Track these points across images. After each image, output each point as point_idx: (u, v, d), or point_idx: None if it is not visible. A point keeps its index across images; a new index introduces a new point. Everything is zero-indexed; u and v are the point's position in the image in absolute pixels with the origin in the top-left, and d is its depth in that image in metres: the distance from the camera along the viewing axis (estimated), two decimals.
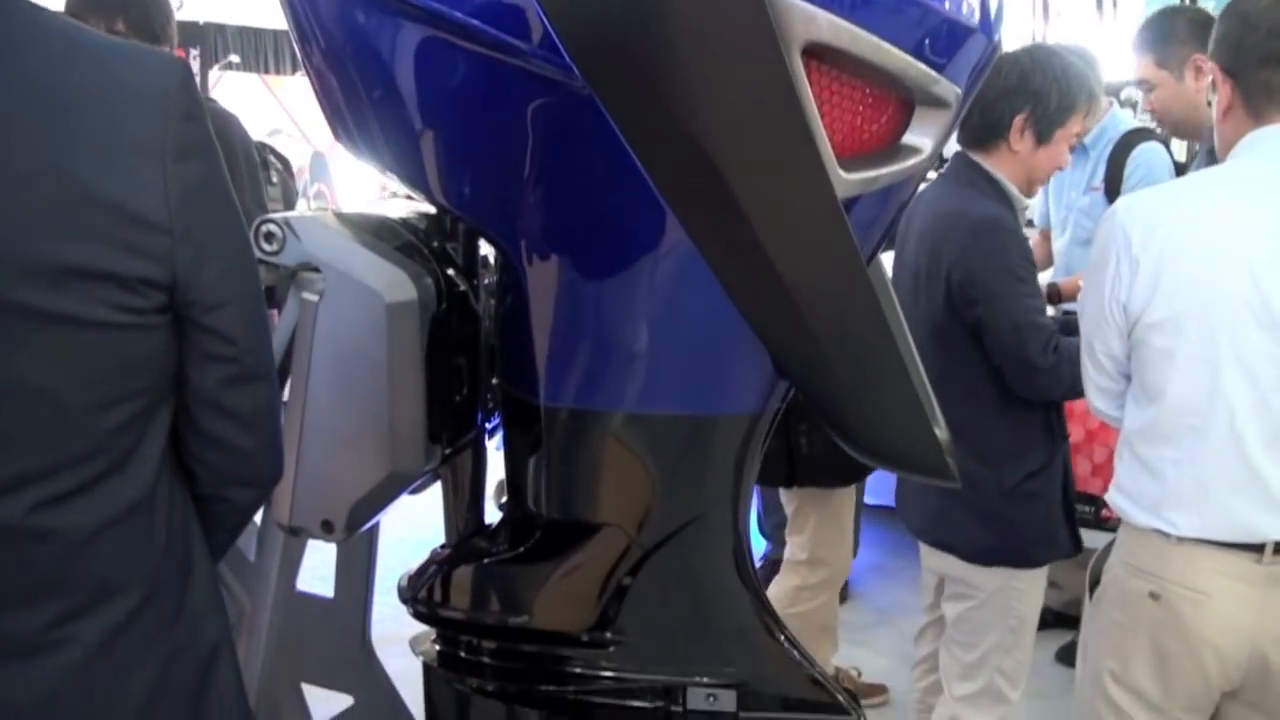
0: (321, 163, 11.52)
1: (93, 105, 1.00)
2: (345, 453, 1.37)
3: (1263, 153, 1.74)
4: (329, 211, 1.46)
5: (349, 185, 11.35)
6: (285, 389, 1.36)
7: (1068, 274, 3.52)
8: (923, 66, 1.18)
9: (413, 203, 1.55)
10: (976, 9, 1.24)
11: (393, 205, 1.60)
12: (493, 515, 1.62)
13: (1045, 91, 2.25)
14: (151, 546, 1.12)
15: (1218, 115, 1.82)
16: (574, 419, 1.40)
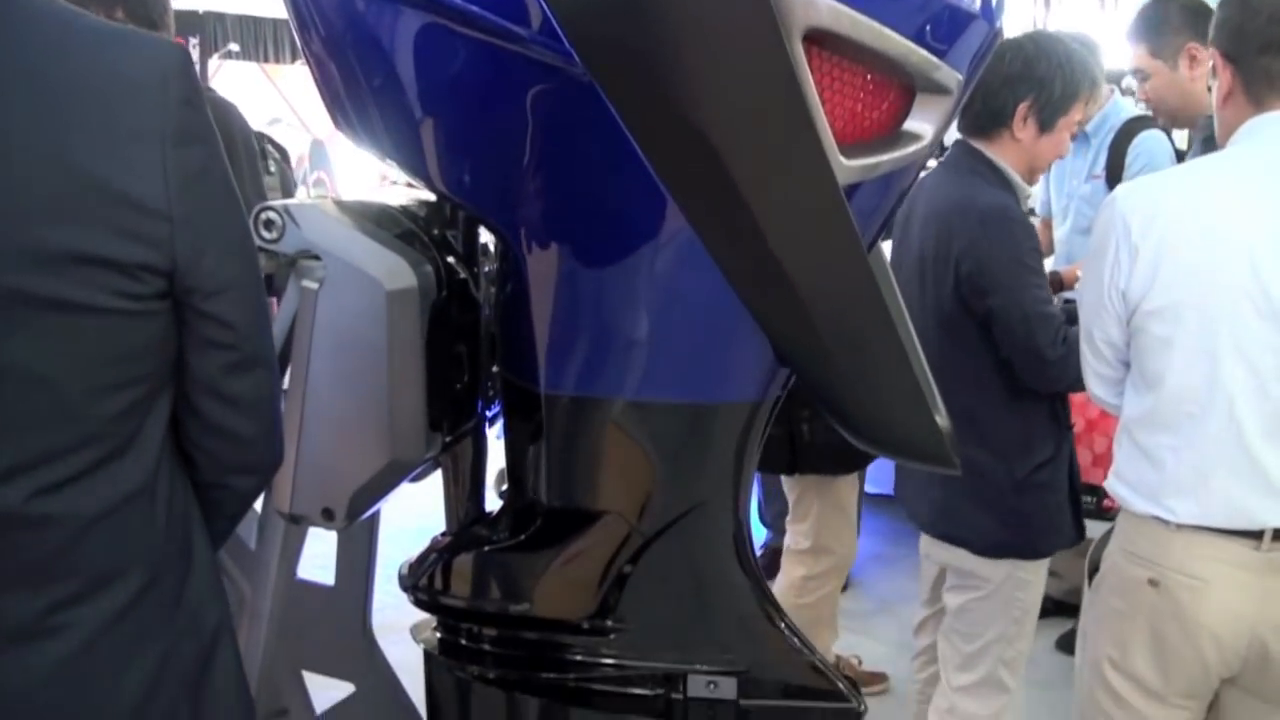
0: (321, 151, 11.52)
1: (92, 91, 1.00)
2: (346, 440, 1.37)
3: (1263, 139, 1.73)
4: (329, 199, 1.46)
5: (349, 173, 11.34)
6: (285, 377, 1.36)
7: (1069, 262, 3.51)
8: (924, 53, 1.17)
9: (413, 190, 1.55)
10: None
11: (393, 193, 1.60)
12: (493, 504, 1.62)
13: (1049, 78, 2.23)
14: (152, 533, 1.12)
15: (1218, 101, 1.81)
16: (575, 407, 1.40)
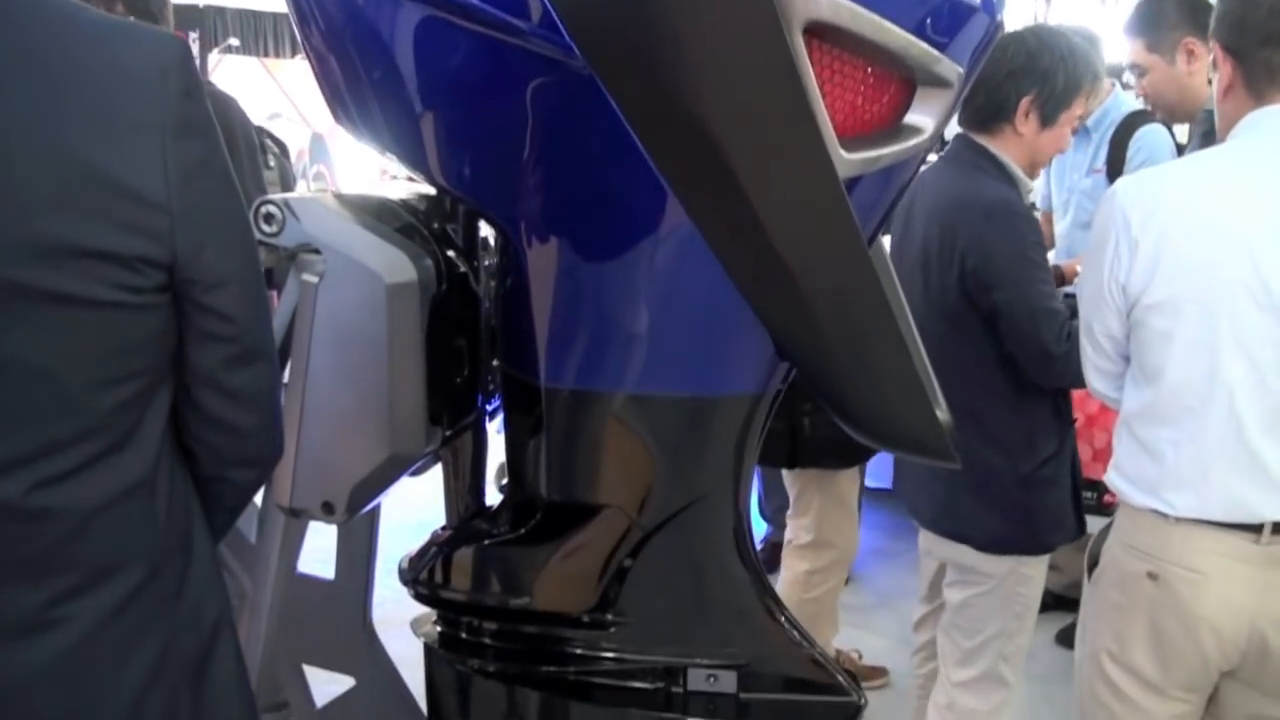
0: (321, 144, 11.50)
1: (92, 83, 1.00)
2: (346, 434, 1.37)
3: (1263, 133, 1.73)
4: (328, 193, 1.46)
5: (349, 167, 11.33)
6: (285, 371, 1.36)
7: (1069, 256, 3.51)
8: (925, 46, 1.17)
9: (413, 184, 1.55)
10: None
11: (393, 187, 1.60)
12: (494, 498, 1.62)
13: (1052, 71, 2.22)
14: (152, 526, 1.12)
15: (1218, 94, 1.81)
16: (575, 400, 1.40)
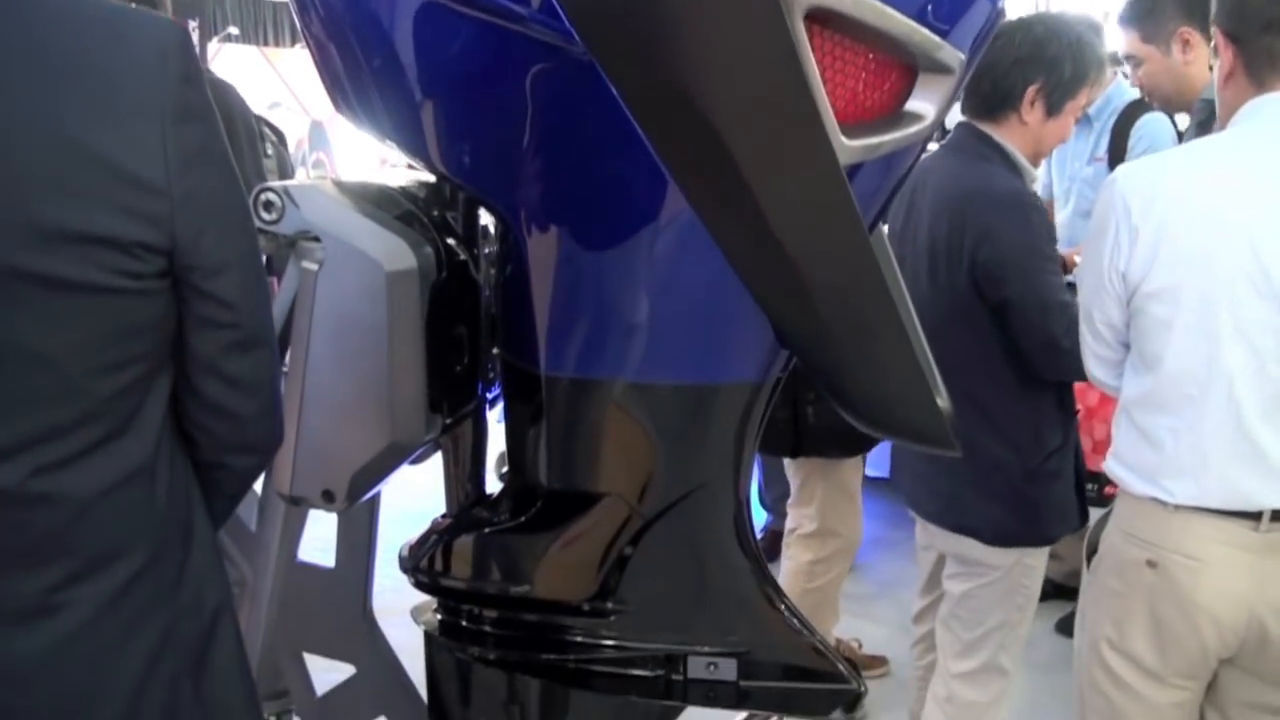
0: (320, 132, 11.48)
1: (92, 67, 1.00)
2: (346, 422, 1.37)
3: (1264, 120, 1.73)
4: (328, 180, 1.46)
5: (348, 154, 11.31)
6: (285, 358, 1.35)
7: (1070, 245, 3.50)
8: (926, 32, 1.16)
9: (413, 172, 1.55)
10: None
11: (392, 174, 1.59)
12: (494, 486, 1.62)
13: (1060, 60, 2.21)
14: (152, 512, 1.12)
15: (1219, 81, 1.80)
16: (575, 388, 1.40)
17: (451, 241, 1.47)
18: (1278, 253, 1.64)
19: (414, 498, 2.06)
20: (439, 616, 1.56)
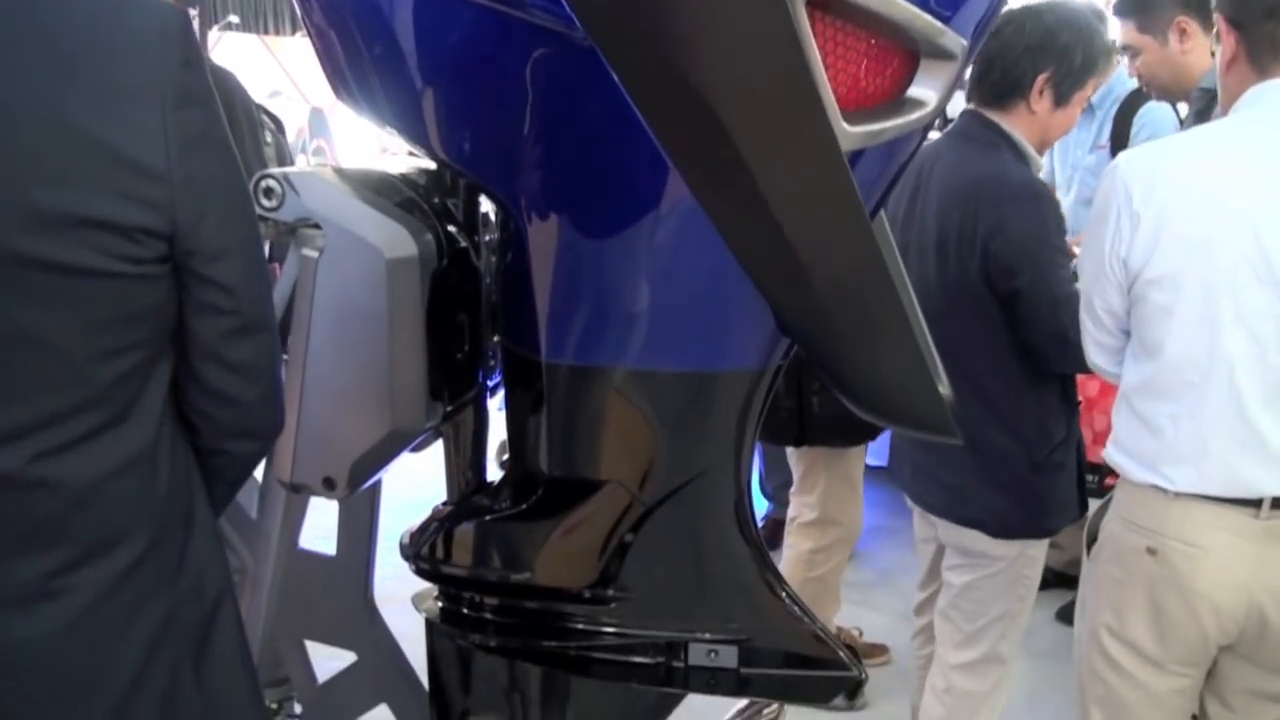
0: (321, 119, 11.45)
1: (92, 51, 0.99)
2: (346, 409, 1.37)
3: (1265, 106, 1.72)
4: (328, 167, 1.46)
5: (349, 141, 11.28)
6: (286, 345, 1.35)
7: (1073, 234, 3.50)
8: (929, 18, 1.16)
9: (413, 159, 1.54)
10: None
11: (393, 161, 1.59)
12: (495, 474, 1.62)
13: (1071, 49, 2.20)
14: (153, 498, 1.12)
15: (1221, 68, 1.80)
16: (575, 375, 1.39)
17: (452, 229, 1.46)
18: (1279, 239, 1.64)
19: (415, 485, 2.06)
20: (440, 604, 1.56)
